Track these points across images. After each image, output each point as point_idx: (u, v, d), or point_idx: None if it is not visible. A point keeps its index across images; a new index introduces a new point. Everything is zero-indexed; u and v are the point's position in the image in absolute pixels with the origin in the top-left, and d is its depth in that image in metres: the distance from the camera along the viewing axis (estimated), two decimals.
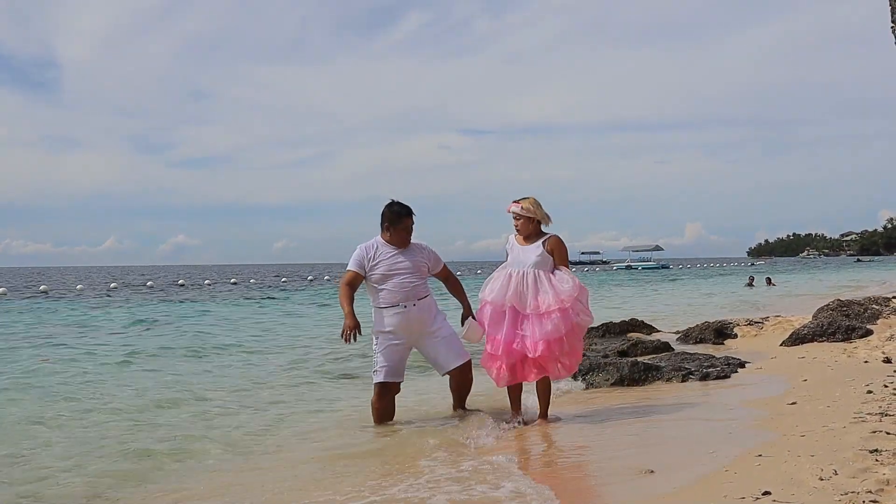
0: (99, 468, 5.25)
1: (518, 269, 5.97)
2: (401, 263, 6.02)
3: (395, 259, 6.03)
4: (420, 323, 6.06)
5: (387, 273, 5.99)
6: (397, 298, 5.98)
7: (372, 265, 6.01)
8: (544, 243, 6.02)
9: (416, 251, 6.14)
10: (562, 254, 6.08)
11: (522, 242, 6.09)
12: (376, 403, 6.18)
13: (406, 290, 5.99)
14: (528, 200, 6.07)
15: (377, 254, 6.04)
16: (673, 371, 8.10)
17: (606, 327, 13.64)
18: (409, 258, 6.07)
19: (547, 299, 5.84)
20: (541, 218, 6.07)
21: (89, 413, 7.21)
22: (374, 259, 6.02)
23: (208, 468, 5.27)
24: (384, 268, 5.99)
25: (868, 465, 4.02)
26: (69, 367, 10.55)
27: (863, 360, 8.25)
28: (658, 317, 17.50)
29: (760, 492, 3.71)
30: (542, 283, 5.90)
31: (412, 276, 6.04)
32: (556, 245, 6.04)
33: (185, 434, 6.25)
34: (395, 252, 6.06)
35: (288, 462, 5.34)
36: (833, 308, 12.38)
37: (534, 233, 6.09)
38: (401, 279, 5.99)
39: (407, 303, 5.99)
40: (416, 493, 4.27)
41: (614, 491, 4.20)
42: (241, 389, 8.62)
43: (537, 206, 6.06)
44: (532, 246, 6.02)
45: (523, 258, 5.99)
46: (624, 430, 5.72)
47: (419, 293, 6.06)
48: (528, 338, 5.84)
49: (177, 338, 15.30)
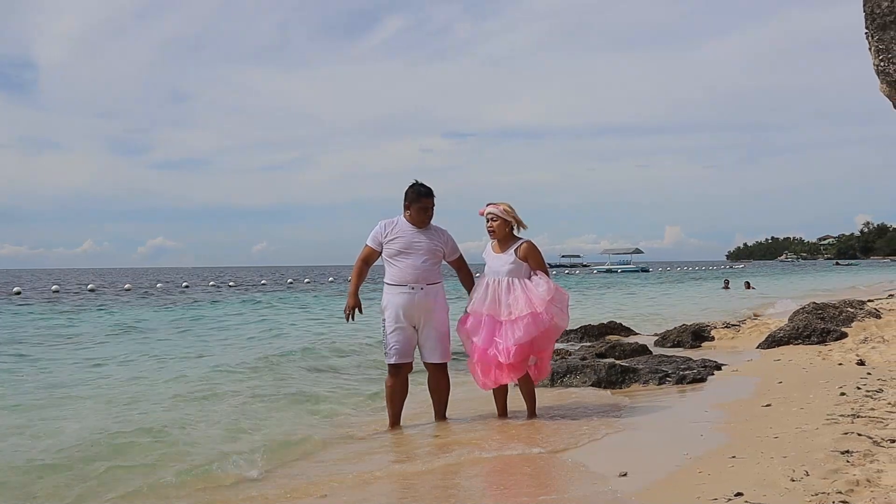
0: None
1: (494, 278, 6.07)
2: (418, 243, 6.04)
3: (414, 237, 6.04)
4: (424, 309, 6.03)
5: (402, 249, 6.00)
6: (407, 278, 5.98)
7: (390, 239, 6.04)
8: (516, 250, 6.08)
9: (435, 234, 6.16)
10: (537, 258, 6.13)
11: (497, 250, 6.17)
12: (389, 382, 6.18)
13: (418, 271, 5.99)
14: (503, 204, 6.15)
15: (396, 229, 6.07)
16: (650, 374, 8.13)
17: (585, 330, 13.70)
18: (427, 239, 6.08)
19: (518, 305, 5.92)
20: (516, 222, 6.15)
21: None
22: (393, 234, 6.04)
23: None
24: (401, 244, 6.01)
25: (839, 466, 4.07)
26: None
27: (837, 363, 8.33)
28: (636, 319, 17.60)
29: (733, 493, 3.74)
30: (515, 290, 5.97)
31: (427, 257, 6.03)
32: (529, 251, 6.10)
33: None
34: (415, 231, 6.07)
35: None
36: (809, 311, 12.50)
37: (507, 238, 6.17)
38: (415, 259, 6.00)
39: (416, 285, 5.98)
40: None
41: (587, 492, 4.21)
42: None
43: (512, 209, 6.16)
44: (505, 254, 6.11)
45: (497, 267, 6.10)
46: (599, 432, 5.73)
47: (430, 277, 6.05)
48: (501, 343, 5.91)
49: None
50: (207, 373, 9.65)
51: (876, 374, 7.30)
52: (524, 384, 6.21)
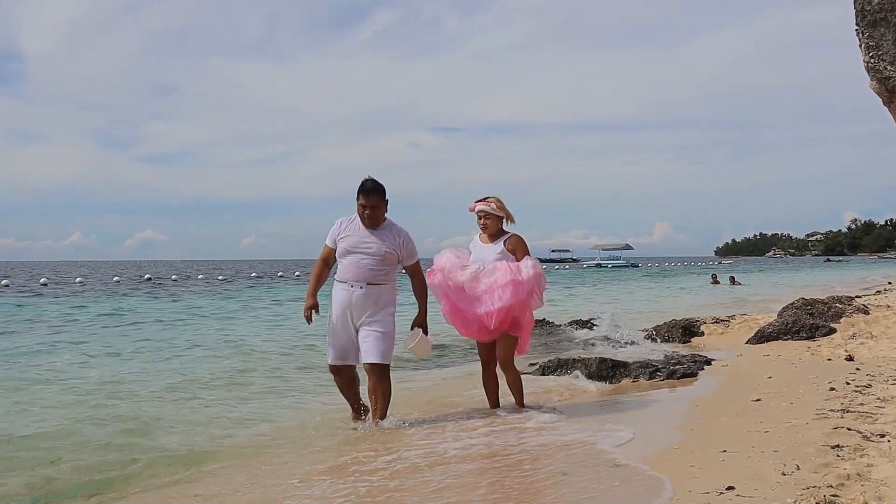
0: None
1: (480, 265, 6.08)
2: (366, 242, 5.80)
3: (363, 237, 5.82)
4: (362, 309, 5.76)
5: (348, 248, 5.81)
6: (347, 276, 5.80)
7: (341, 237, 5.87)
8: (505, 242, 6.16)
9: (390, 236, 5.87)
10: (524, 249, 6.18)
11: (486, 241, 6.23)
12: (336, 382, 6.06)
13: (359, 270, 5.76)
14: (493, 198, 6.21)
15: (349, 228, 5.88)
16: (640, 368, 8.17)
17: (575, 324, 13.72)
18: (378, 240, 5.82)
19: (500, 273, 5.94)
20: (506, 216, 6.20)
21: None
22: (344, 232, 5.87)
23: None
24: (347, 242, 5.82)
25: (829, 460, 4.09)
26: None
27: (826, 358, 8.38)
28: (626, 314, 17.61)
29: (724, 486, 3.76)
30: (498, 269, 6.00)
31: (372, 258, 5.78)
32: (516, 243, 6.18)
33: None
34: (367, 231, 5.84)
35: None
36: (797, 307, 12.56)
37: (497, 232, 6.23)
38: (358, 258, 5.78)
39: (354, 283, 5.76)
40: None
41: (579, 488, 4.22)
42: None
43: (502, 204, 6.21)
44: (493, 245, 6.17)
45: (484, 256, 6.13)
46: (589, 427, 5.74)
47: (372, 278, 5.77)
48: (482, 308, 5.91)
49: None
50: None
51: (865, 370, 7.34)
52: (510, 375, 6.26)
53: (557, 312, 17.65)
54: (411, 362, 9.21)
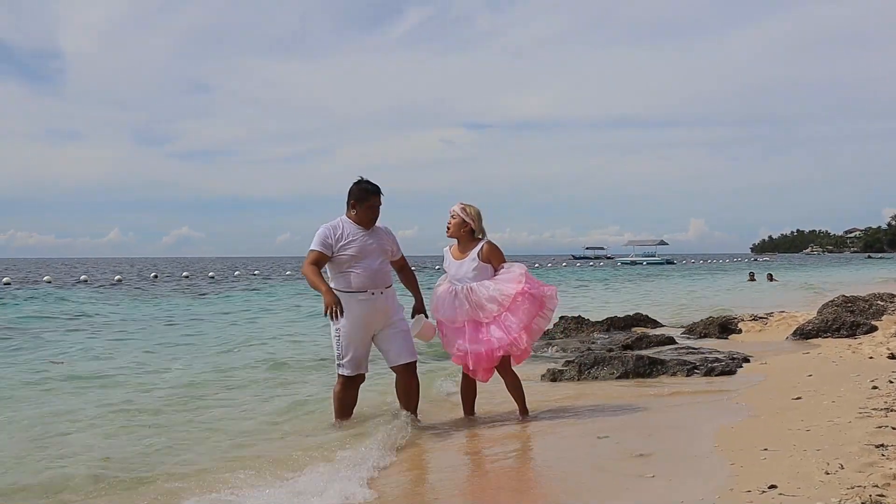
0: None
1: (462, 286, 5.84)
2: (370, 245, 5.68)
3: (365, 240, 5.67)
4: (385, 313, 5.74)
5: (357, 254, 5.62)
6: (367, 284, 5.62)
7: (342, 244, 5.62)
8: (479, 253, 5.90)
9: (381, 234, 5.80)
10: (500, 258, 5.93)
11: (457, 255, 5.98)
12: (340, 394, 5.87)
13: (375, 275, 5.66)
14: (472, 208, 5.94)
15: (346, 233, 5.65)
16: (678, 365, 8.11)
17: (611, 321, 13.67)
18: (376, 240, 5.73)
19: (506, 291, 5.76)
20: (476, 229, 5.94)
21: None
22: (344, 238, 5.63)
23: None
24: (355, 248, 5.62)
25: (874, 459, 4.02)
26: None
27: (867, 356, 8.25)
28: (663, 311, 17.50)
29: (766, 485, 3.71)
30: (487, 289, 5.78)
31: (381, 260, 5.72)
32: (491, 251, 5.90)
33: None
34: (364, 233, 5.69)
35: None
36: (838, 304, 12.40)
37: (465, 239, 5.96)
38: (370, 262, 5.65)
39: (376, 290, 5.65)
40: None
41: (620, 492, 4.20)
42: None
43: (476, 215, 5.94)
44: (467, 259, 5.90)
45: (462, 274, 5.89)
46: (628, 425, 5.72)
47: (387, 280, 5.76)
48: (504, 337, 5.71)
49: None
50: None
51: None
52: (509, 377, 6.04)
53: (596, 308, 17.58)
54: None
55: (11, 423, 6.30)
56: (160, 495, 4.30)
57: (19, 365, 9.96)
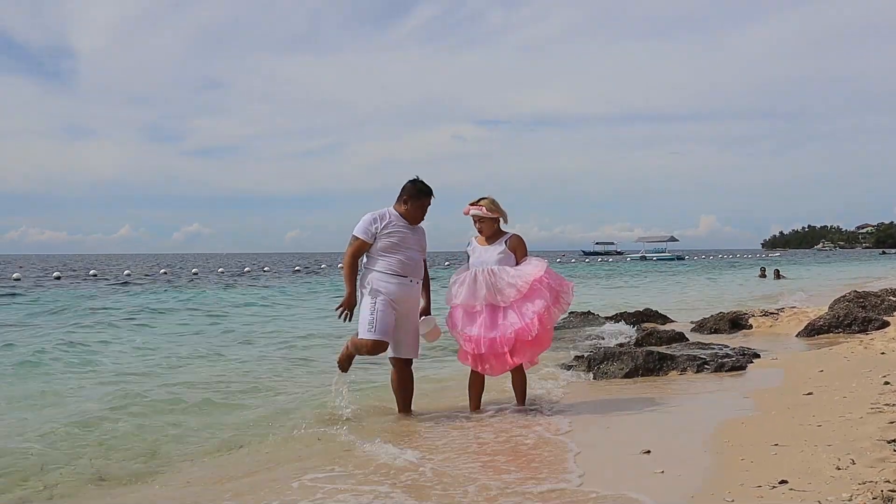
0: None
1: (482, 268, 5.95)
2: (411, 238, 5.95)
3: (408, 233, 5.94)
4: (413, 302, 6.00)
5: (399, 244, 5.88)
6: (407, 271, 5.89)
7: (385, 232, 5.87)
8: (506, 242, 6.03)
9: (421, 232, 6.09)
10: (524, 250, 6.08)
11: (483, 243, 6.10)
12: (371, 350, 5.84)
13: (415, 265, 5.95)
14: (486, 200, 6.02)
15: (391, 223, 5.91)
16: (688, 361, 8.07)
17: (621, 317, 13.63)
18: (417, 236, 6.02)
19: (522, 278, 5.84)
20: (501, 216, 6.06)
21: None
22: (388, 227, 5.88)
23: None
24: (397, 238, 5.88)
25: (886, 455, 3.99)
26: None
27: (879, 352, 8.19)
28: (673, 307, 17.45)
29: (777, 480, 3.70)
30: (507, 273, 5.89)
31: (420, 253, 6.01)
32: (517, 243, 6.05)
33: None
34: (409, 227, 5.97)
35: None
36: (849, 299, 12.34)
37: (495, 233, 6.09)
38: (411, 254, 5.93)
39: (413, 278, 5.93)
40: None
41: (628, 488, 4.18)
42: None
43: (496, 204, 6.04)
44: (494, 245, 6.04)
45: (485, 257, 6.01)
46: (637, 420, 5.70)
47: (421, 273, 6.04)
48: (517, 323, 5.77)
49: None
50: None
51: None
52: (517, 375, 6.13)
53: (605, 304, 17.56)
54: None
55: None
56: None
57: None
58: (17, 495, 4.38)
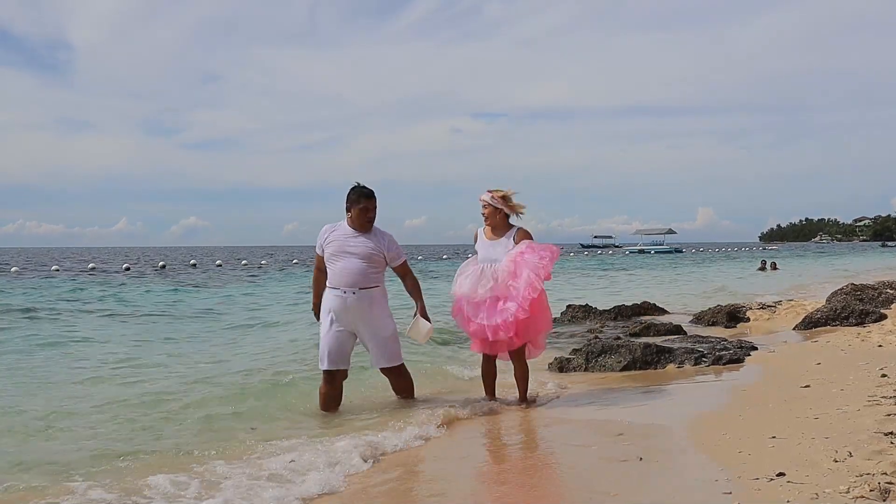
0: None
1: (491, 265, 5.96)
2: (353, 247, 5.82)
3: (349, 242, 5.83)
4: (357, 312, 5.82)
5: (335, 253, 5.83)
6: (337, 282, 5.80)
7: (327, 244, 5.88)
8: (514, 237, 6.02)
9: (375, 238, 5.89)
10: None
11: (490, 235, 6.09)
12: (322, 389, 5.99)
13: (349, 274, 5.77)
14: (499, 191, 6.04)
15: (334, 234, 5.89)
16: (685, 354, 8.08)
17: (619, 310, 13.64)
18: (364, 243, 5.83)
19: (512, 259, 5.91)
20: (509, 210, 6.05)
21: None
22: (330, 239, 5.88)
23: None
24: (333, 248, 5.84)
25: (883, 447, 4.01)
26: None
27: (877, 345, 8.21)
28: (670, 300, 17.46)
29: (775, 472, 3.71)
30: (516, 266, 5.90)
31: (360, 261, 5.80)
32: (524, 238, 6.03)
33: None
34: (352, 235, 5.86)
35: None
36: (847, 292, 12.36)
37: (501, 225, 6.08)
38: (346, 262, 5.79)
39: (347, 289, 5.77)
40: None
41: (630, 471, 4.20)
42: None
43: (506, 198, 6.03)
44: (500, 240, 6.03)
45: (492, 254, 6.00)
46: (634, 414, 5.72)
47: (363, 282, 5.80)
48: (514, 304, 5.81)
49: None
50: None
51: None
52: (519, 366, 6.16)
53: (603, 297, 17.54)
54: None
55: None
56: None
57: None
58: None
